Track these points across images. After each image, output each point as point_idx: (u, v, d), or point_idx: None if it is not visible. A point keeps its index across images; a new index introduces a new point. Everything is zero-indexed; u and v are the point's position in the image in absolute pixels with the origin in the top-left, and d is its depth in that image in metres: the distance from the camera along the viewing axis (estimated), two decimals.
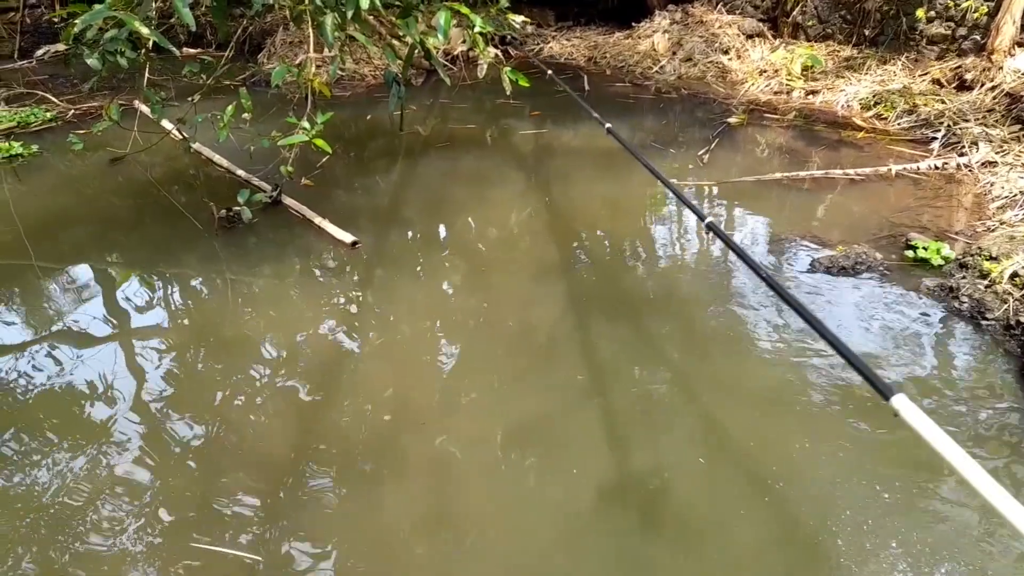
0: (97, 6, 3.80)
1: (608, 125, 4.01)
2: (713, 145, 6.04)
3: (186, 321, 3.58)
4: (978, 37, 6.93)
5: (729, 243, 2.08)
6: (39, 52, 9.24)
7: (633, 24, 10.19)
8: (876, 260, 3.88)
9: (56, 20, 9.03)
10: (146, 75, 4.83)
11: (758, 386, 2.99)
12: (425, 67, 8.52)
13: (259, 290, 3.81)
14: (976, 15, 6.90)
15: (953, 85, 6.70)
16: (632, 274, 4.04)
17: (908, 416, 1.11)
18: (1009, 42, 6.53)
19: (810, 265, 3.91)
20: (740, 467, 2.57)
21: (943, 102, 6.36)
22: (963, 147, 5.53)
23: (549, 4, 11.57)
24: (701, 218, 2.32)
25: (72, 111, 6.97)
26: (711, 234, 4.39)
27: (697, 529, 2.33)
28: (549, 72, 5.92)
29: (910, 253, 3.94)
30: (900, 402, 1.15)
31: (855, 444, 2.64)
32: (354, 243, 4.21)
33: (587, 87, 8.38)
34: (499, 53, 9.31)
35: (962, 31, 7.12)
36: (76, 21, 3.79)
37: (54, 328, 3.50)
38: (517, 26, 5.90)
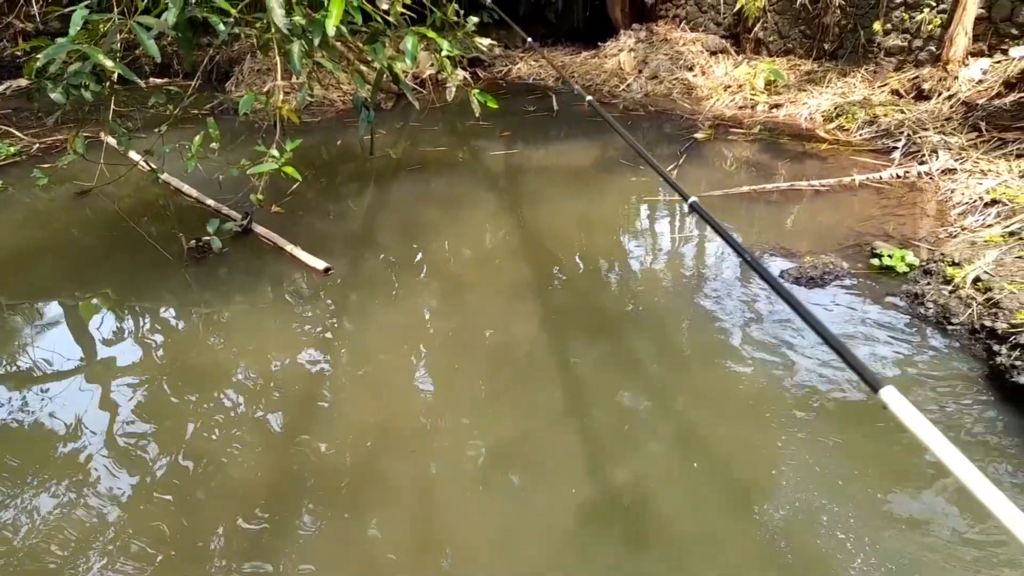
0: (60, 40, 3.77)
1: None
2: (681, 160, 6.12)
3: (158, 353, 3.53)
4: (933, 48, 7.13)
5: (714, 225, 2.08)
6: (1, 87, 9.13)
7: (599, 43, 10.34)
8: (843, 269, 3.95)
9: (19, 54, 8.93)
10: (111, 107, 4.80)
11: (738, 397, 3.02)
12: (394, 91, 8.55)
13: (232, 320, 3.77)
14: (931, 27, 7.10)
15: (911, 95, 6.87)
16: (607, 289, 4.07)
17: (896, 408, 1.12)
18: (963, 52, 6.72)
19: (779, 276, 3.97)
20: (723, 479, 2.59)
21: (902, 112, 6.53)
22: (923, 155, 5.67)
23: (516, 25, 11.68)
24: (685, 198, 2.36)
25: (37, 145, 6.88)
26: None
27: (683, 543, 2.33)
28: (528, 39, 5.80)
29: (876, 261, 4.02)
30: (889, 394, 1.15)
31: (837, 452, 2.67)
32: (326, 269, 4.19)
33: (556, 107, 8.47)
34: (467, 75, 9.40)
35: (918, 43, 7.31)
36: (39, 56, 3.76)
37: (22, 365, 3.43)
38: (484, 49, 5.95)
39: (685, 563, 2.27)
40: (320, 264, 4.22)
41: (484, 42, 5.67)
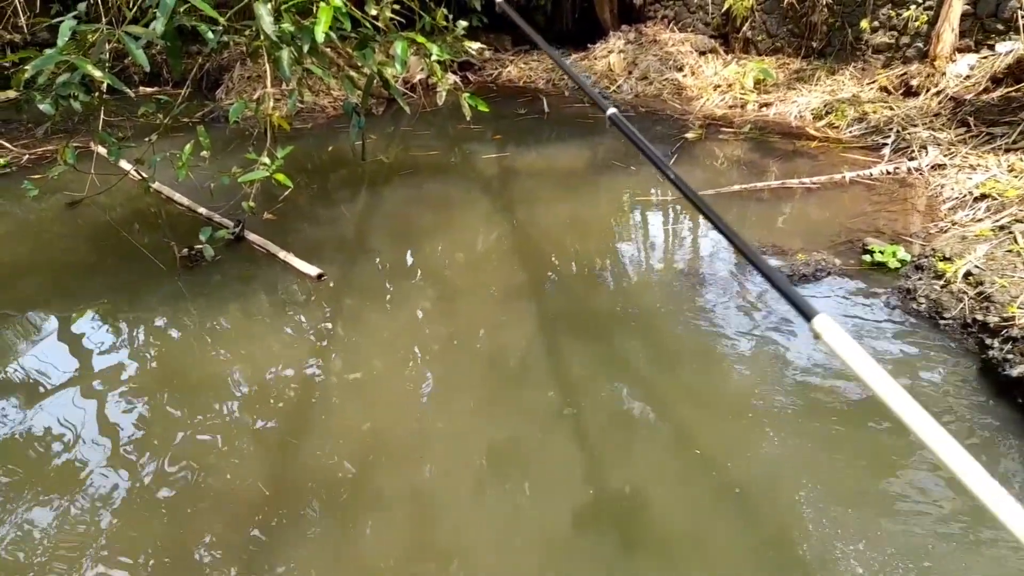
0: (48, 51, 3.76)
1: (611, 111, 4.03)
2: (672, 160, 6.14)
3: (152, 363, 3.52)
4: (921, 45, 7.17)
5: (631, 138, 2.11)
6: None
7: (589, 46, 10.38)
8: (835, 266, 3.96)
9: (7, 65, 8.90)
10: (101, 117, 4.79)
11: (731, 395, 3.03)
12: (385, 96, 8.55)
13: (225, 328, 3.76)
14: (918, 23, 7.15)
15: (900, 92, 6.92)
16: (601, 291, 4.08)
17: (830, 338, 1.09)
18: (950, 49, 6.76)
19: None
20: (717, 479, 2.59)
21: (891, 108, 6.56)
22: (913, 151, 5.70)
23: (506, 29, 11.71)
24: (603, 110, 2.38)
25: (26, 156, 6.86)
26: (675, 246, 4.46)
27: (677, 544, 2.34)
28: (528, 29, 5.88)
29: (868, 257, 4.04)
30: (822, 323, 1.12)
31: (830, 450, 2.68)
32: (320, 275, 4.19)
33: (547, 109, 8.48)
34: (458, 80, 9.42)
35: (905, 39, 7.36)
36: (27, 67, 3.76)
37: (14, 376, 3.41)
38: (474, 52, 5.96)
39: (679, 564, 2.27)
40: (313, 270, 4.21)
41: (474, 46, 5.68)
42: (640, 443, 2.79)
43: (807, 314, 1.11)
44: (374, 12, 4.85)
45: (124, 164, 5.64)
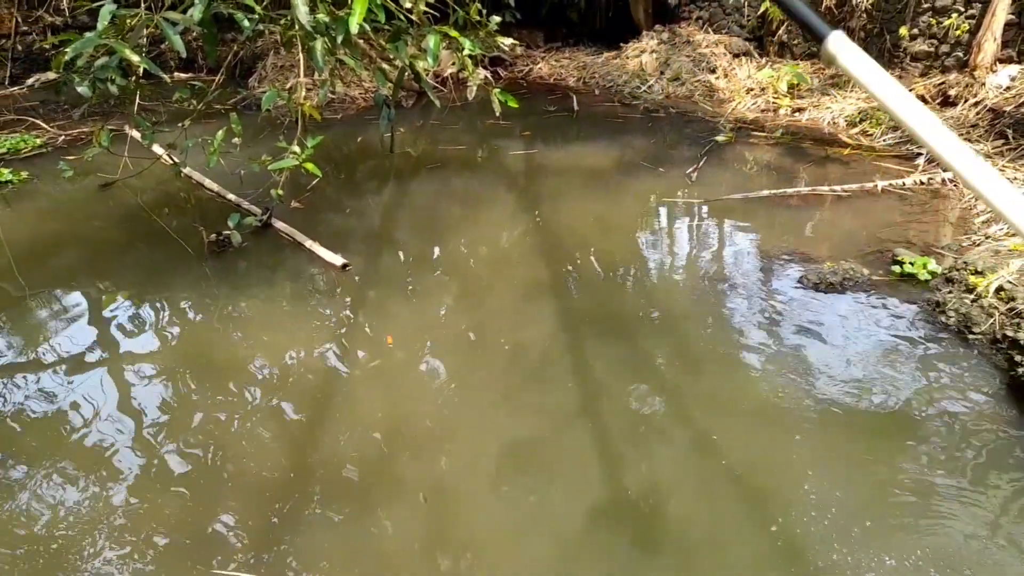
0: (88, 34, 3.82)
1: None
2: (702, 163, 6.09)
3: (177, 346, 3.57)
4: (960, 54, 7.04)
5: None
6: (30, 80, 9.28)
7: (621, 45, 10.31)
8: (863, 276, 3.91)
9: (47, 48, 9.07)
10: (136, 101, 4.85)
11: (753, 402, 3.00)
12: (415, 89, 8.58)
13: (250, 314, 3.81)
14: (958, 32, 7.01)
15: (937, 101, 6.79)
16: (624, 291, 4.06)
17: (846, 59, 0.95)
18: (991, 59, 6.63)
19: (798, 281, 3.94)
20: (736, 484, 2.57)
21: None
22: None
23: (538, 25, 11.70)
24: (820, 37, 2.20)
25: (62, 137, 6.98)
26: (700, 249, 4.43)
27: (694, 548, 2.32)
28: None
29: (897, 268, 3.98)
30: (836, 42, 0.97)
31: (856, 459, 2.65)
32: (344, 265, 4.22)
33: (576, 107, 8.46)
34: (488, 74, 9.41)
35: (945, 48, 7.22)
36: (67, 49, 3.82)
37: (44, 355, 3.48)
38: (506, 48, 5.95)
39: (696, 567, 2.26)
40: (338, 260, 4.24)
41: (506, 41, 5.67)
42: (661, 445, 2.78)
43: (819, 34, 0.97)
44: (408, 5, 4.86)
45: (157, 148, 5.72)
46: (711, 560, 2.27)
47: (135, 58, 3.81)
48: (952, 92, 6.65)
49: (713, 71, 8.90)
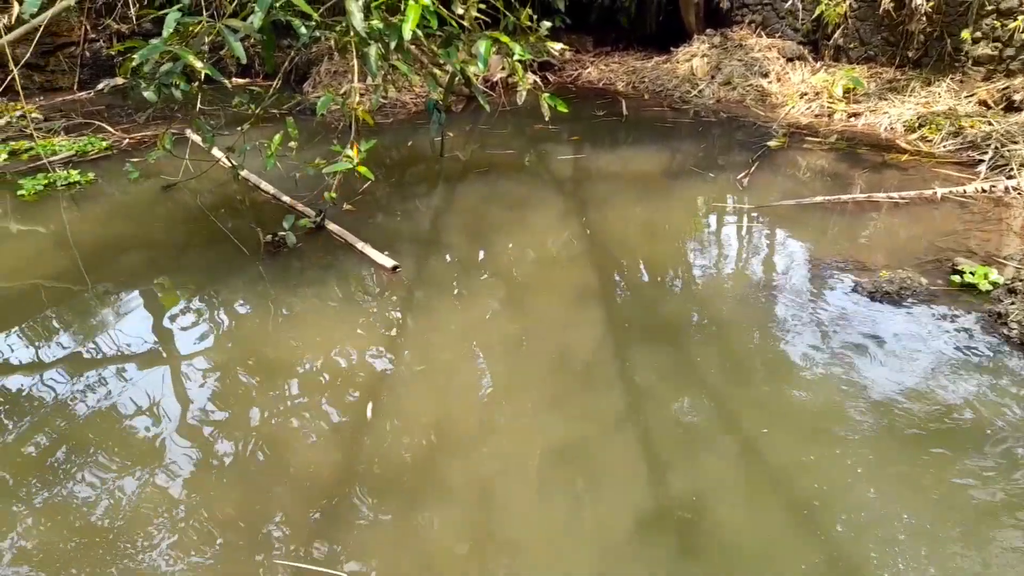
0: (154, 41, 3.98)
1: None
2: (753, 168, 6.01)
3: (232, 343, 3.68)
4: None
5: None
6: (99, 86, 9.67)
7: (671, 49, 10.25)
8: (921, 285, 3.81)
9: (114, 54, 9.43)
10: (198, 105, 5.02)
11: (802, 412, 2.96)
12: (464, 94, 8.66)
13: (303, 313, 3.90)
14: None
15: (1001, 106, 6.57)
16: (672, 297, 4.03)
17: None
18: None
19: (852, 290, 3.86)
20: (784, 495, 2.53)
21: (990, 124, 6.25)
22: (1011, 170, 5.42)
23: (588, 30, 11.69)
24: None
25: (127, 140, 7.26)
26: (751, 256, 4.37)
27: (737, 555, 2.30)
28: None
29: (956, 278, 3.86)
30: None
31: (905, 480, 2.59)
32: (395, 267, 4.29)
33: (625, 111, 8.43)
34: (537, 79, 9.45)
35: (1010, 52, 6.98)
36: (134, 56, 3.98)
37: (106, 350, 3.62)
38: (556, 53, 5.97)
39: (738, 574, 2.23)
40: (389, 262, 4.32)
41: (556, 47, 5.69)
42: (707, 453, 2.75)
43: None
44: (460, 11, 4.92)
45: (216, 151, 5.90)
46: (755, 569, 2.24)
47: (198, 64, 3.95)
48: (1017, 97, 6.43)
49: (766, 75, 8.78)
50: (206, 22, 4.11)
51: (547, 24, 5.61)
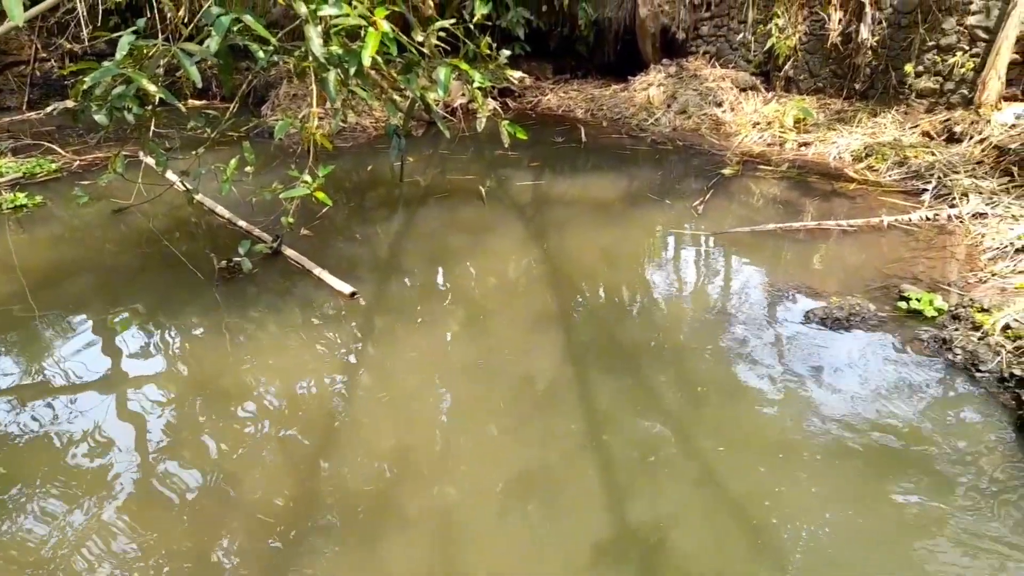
0: (107, 63, 3.91)
1: None
2: (708, 195, 6.13)
3: (185, 371, 3.59)
4: (966, 91, 7.11)
5: None
6: (48, 108, 9.44)
7: (629, 77, 10.45)
8: (870, 311, 3.91)
9: (65, 75, 9.23)
10: (151, 129, 4.93)
11: (759, 435, 3.00)
12: (425, 119, 8.69)
13: (259, 340, 3.83)
14: (963, 70, 7.08)
15: (943, 137, 6.84)
16: (630, 322, 4.07)
17: None
18: (996, 96, 6.69)
19: (804, 316, 3.95)
20: (741, 519, 2.56)
21: (933, 154, 6.49)
22: (954, 198, 5.63)
23: (547, 58, 11.86)
24: None
25: (77, 162, 7.09)
26: (707, 282, 4.44)
27: None
28: None
29: (903, 304, 3.98)
30: None
31: (858, 495, 2.63)
32: (352, 293, 4.25)
33: (584, 138, 8.54)
34: (497, 106, 9.53)
35: (950, 85, 7.29)
36: (86, 78, 3.90)
37: (52, 378, 3.50)
38: (516, 80, 6.04)
39: None
40: (347, 288, 4.27)
41: (515, 74, 5.75)
42: (666, 478, 2.77)
43: None
44: (420, 38, 4.95)
45: (170, 175, 5.80)
46: None
47: (152, 88, 3.89)
48: (957, 129, 6.70)
49: (720, 105, 9.00)
50: (161, 45, 4.06)
51: (507, 53, 5.68)
